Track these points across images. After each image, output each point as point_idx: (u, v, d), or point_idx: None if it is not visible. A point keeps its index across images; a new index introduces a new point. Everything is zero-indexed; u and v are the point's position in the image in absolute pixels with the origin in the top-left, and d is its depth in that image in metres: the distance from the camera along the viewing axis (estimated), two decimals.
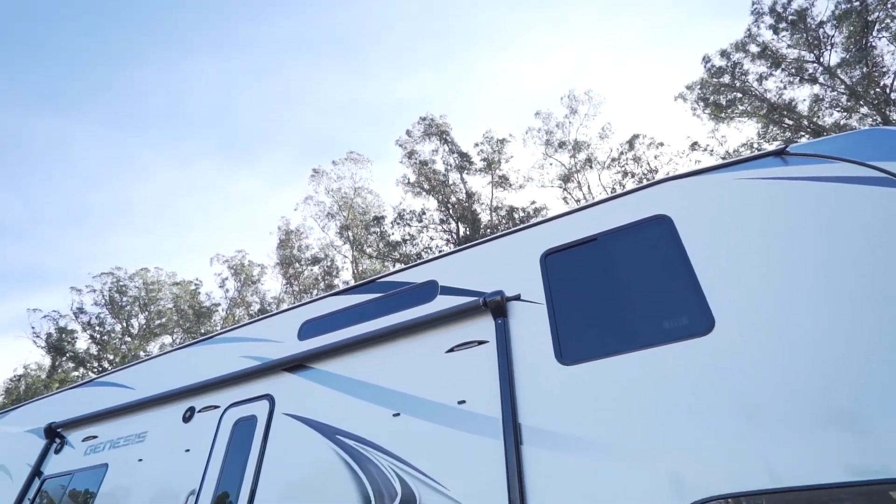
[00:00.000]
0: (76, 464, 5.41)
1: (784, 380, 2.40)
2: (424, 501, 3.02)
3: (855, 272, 2.52)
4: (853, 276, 2.52)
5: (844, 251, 2.61)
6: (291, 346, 4.58)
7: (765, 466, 2.25)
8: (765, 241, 2.86)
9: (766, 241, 2.85)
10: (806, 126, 26.54)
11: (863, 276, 2.50)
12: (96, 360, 33.88)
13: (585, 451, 2.69)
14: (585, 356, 3.00)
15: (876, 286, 2.45)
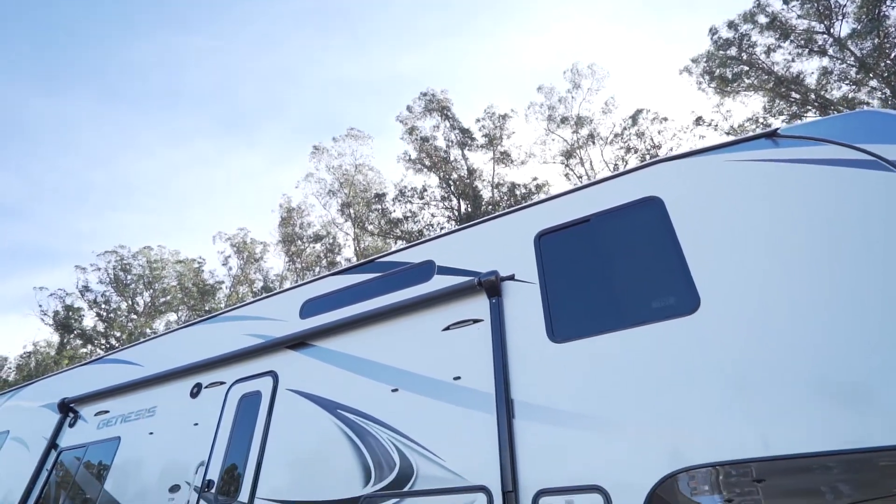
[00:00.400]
0: (90, 437, 5.64)
1: (765, 357, 2.50)
2: (421, 472, 3.17)
3: (838, 253, 2.60)
4: (836, 258, 2.59)
5: (829, 233, 2.68)
6: (293, 324, 4.71)
7: (745, 437, 2.37)
8: (752, 223, 2.92)
9: (753, 222, 2.92)
10: (813, 100, 26.12)
11: (846, 257, 2.57)
12: (103, 338, 34.44)
13: (575, 424, 2.82)
14: (576, 334, 3.11)
15: (858, 266, 2.52)
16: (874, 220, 2.60)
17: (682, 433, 2.51)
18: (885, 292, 2.38)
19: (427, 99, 32.10)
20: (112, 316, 34.81)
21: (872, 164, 2.72)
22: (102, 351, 33.83)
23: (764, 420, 2.36)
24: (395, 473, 3.28)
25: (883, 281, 2.41)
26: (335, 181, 36.15)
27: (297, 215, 36.49)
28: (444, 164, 32.33)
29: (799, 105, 26.74)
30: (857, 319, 2.39)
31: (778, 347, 2.49)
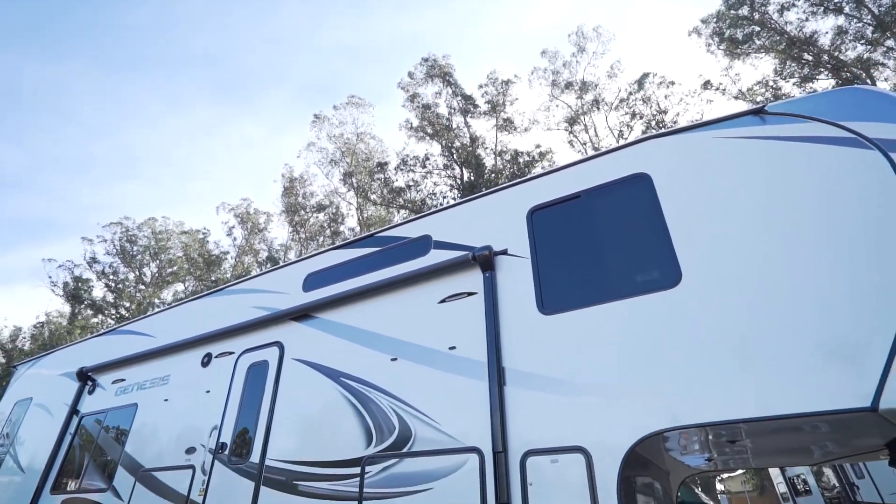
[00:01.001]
0: (108, 403, 5.95)
1: (739, 328, 2.65)
2: (419, 435, 3.41)
3: (816, 230, 2.70)
4: (813, 235, 2.70)
5: (809, 210, 2.78)
6: (297, 297, 4.89)
7: (717, 401, 2.55)
8: (736, 200, 3.02)
9: (737, 199, 3.02)
10: (826, 62, 25.42)
11: (822, 235, 2.68)
12: (113, 308, 35.10)
13: (560, 390, 3.01)
14: (564, 307, 3.27)
15: (832, 243, 2.63)
16: (852, 197, 2.69)
17: (658, 399, 2.69)
18: (855, 268, 2.50)
19: (428, 65, 31.43)
20: (120, 287, 35.35)
21: (854, 142, 2.79)
22: (113, 321, 34.59)
23: (735, 386, 2.53)
24: (395, 436, 3.51)
25: (855, 257, 2.53)
26: (337, 150, 35.91)
27: (300, 185, 36.46)
28: (446, 132, 31.97)
29: (811, 67, 26.04)
30: (828, 293, 2.52)
31: (752, 320, 2.64)
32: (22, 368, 8.19)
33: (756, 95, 27.15)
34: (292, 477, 3.85)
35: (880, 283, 2.40)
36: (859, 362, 2.29)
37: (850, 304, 2.43)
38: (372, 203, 34.26)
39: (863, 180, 2.68)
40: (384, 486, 3.35)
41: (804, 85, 25.91)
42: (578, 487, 2.68)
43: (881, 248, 2.46)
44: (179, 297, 35.90)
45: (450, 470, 3.14)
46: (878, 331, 2.30)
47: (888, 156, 2.64)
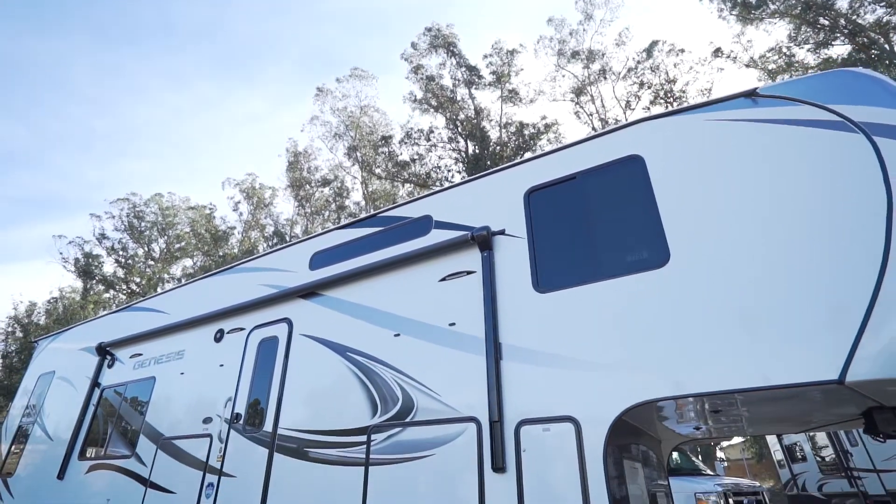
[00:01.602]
0: (128, 377, 6.26)
1: (720, 308, 2.79)
2: (421, 406, 3.62)
3: (801, 212, 2.80)
4: (798, 216, 2.80)
5: (796, 193, 2.87)
6: (304, 275, 5.08)
7: (696, 375, 2.72)
8: (725, 183, 3.11)
9: (726, 182, 3.11)
10: (843, 26, 24.61)
11: (807, 216, 2.78)
12: (124, 283, 35.70)
13: (553, 364, 3.19)
14: (558, 285, 3.42)
15: (816, 225, 2.74)
16: (835, 180, 2.78)
17: (642, 373, 2.86)
18: (832, 250, 2.61)
19: (432, 35, 30.82)
20: (130, 262, 35.87)
21: (840, 126, 2.86)
22: (124, 296, 35.27)
23: (712, 361, 2.69)
24: (399, 407, 3.74)
25: (834, 239, 2.64)
26: (340, 124, 35.66)
27: (304, 159, 36.40)
28: (450, 104, 31.58)
29: (827, 32, 25.24)
30: (804, 273, 2.64)
31: (732, 298, 2.78)
32: (43, 343, 8.54)
33: (768, 63, 26.50)
34: (303, 444, 4.11)
35: (854, 264, 2.51)
36: (831, 338, 2.43)
37: (824, 285, 2.56)
38: (377, 177, 34.19)
39: (846, 163, 2.76)
40: (389, 453, 3.59)
41: (819, 51, 25.20)
42: (568, 454, 2.89)
43: (858, 232, 2.57)
44: (188, 272, 36.43)
45: (449, 438, 3.37)
46: (850, 309, 2.43)
47: (871, 139, 2.71)
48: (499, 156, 29.66)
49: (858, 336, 2.36)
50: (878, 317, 2.35)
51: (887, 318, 2.35)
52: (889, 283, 2.38)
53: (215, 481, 4.51)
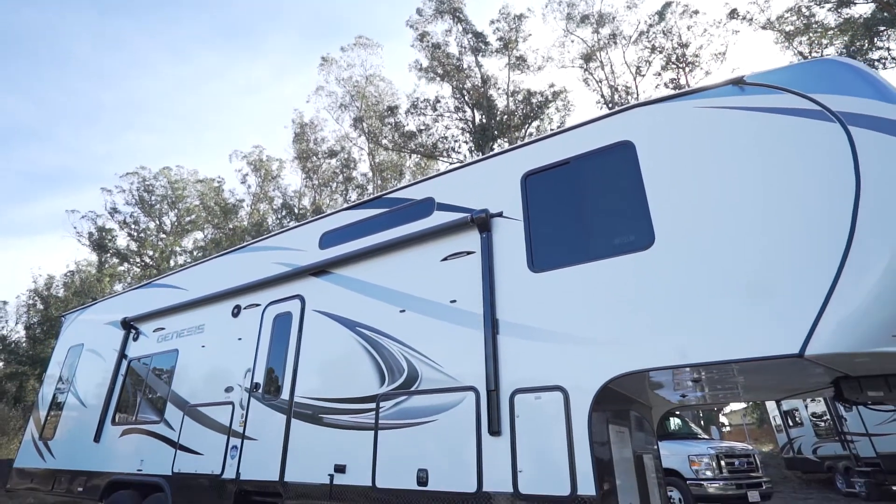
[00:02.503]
0: (152, 349, 6.68)
1: (699, 288, 3.02)
2: (425, 376, 3.94)
3: (779, 198, 2.98)
4: (776, 203, 2.98)
5: (775, 179, 3.03)
6: (314, 254, 5.35)
7: (675, 348, 2.97)
8: (709, 169, 3.28)
9: (710, 168, 3.28)
10: None
11: (785, 202, 2.96)
12: (137, 256, 36.44)
13: (545, 338, 3.46)
14: (550, 266, 3.66)
15: (791, 210, 2.92)
16: (812, 168, 2.94)
17: (625, 347, 3.12)
18: (802, 236, 2.81)
19: (438, 0, 30.05)
20: (143, 236, 36.48)
21: (820, 115, 3.00)
22: (138, 269, 36.08)
23: (687, 336, 2.94)
24: (404, 377, 4.06)
25: (805, 225, 2.83)
26: (346, 94, 35.36)
27: (311, 131, 36.31)
28: (456, 73, 31.08)
29: None
30: (776, 255, 2.85)
31: (708, 279, 3.00)
32: (70, 317, 9.01)
33: (786, 24, 25.63)
34: (318, 411, 4.48)
35: (821, 248, 2.71)
36: (794, 315, 2.66)
37: (792, 266, 2.77)
38: (383, 148, 34.09)
39: (823, 152, 2.91)
40: (396, 419, 3.94)
41: (839, 10, 24.25)
42: (557, 419, 3.19)
43: (827, 218, 2.75)
44: (199, 244, 37.04)
45: (451, 405, 3.69)
46: (813, 289, 2.65)
47: (847, 129, 2.86)
48: (506, 125, 29.37)
49: (819, 315, 2.58)
50: (838, 297, 2.57)
51: (846, 298, 2.56)
52: (850, 266, 2.58)
53: (239, 444, 4.94)
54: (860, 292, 2.55)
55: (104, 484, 6.06)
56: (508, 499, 3.20)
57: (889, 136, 2.75)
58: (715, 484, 8.26)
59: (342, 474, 4.06)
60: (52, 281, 37.05)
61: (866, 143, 2.78)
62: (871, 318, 2.52)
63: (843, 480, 11.85)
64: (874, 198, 2.65)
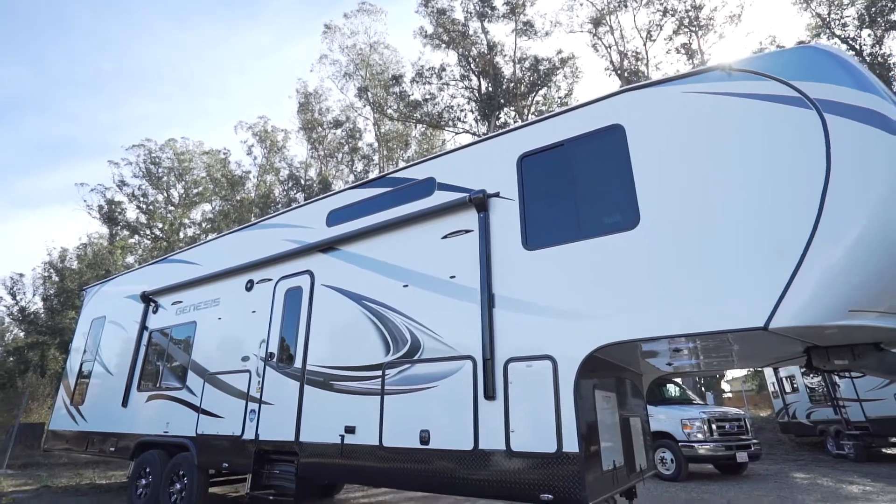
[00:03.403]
0: (171, 321, 7.07)
1: (679, 265, 3.25)
2: (426, 346, 4.25)
3: (756, 182, 3.16)
4: (754, 187, 3.16)
5: (754, 163, 3.20)
6: (322, 231, 5.61)
7: (654, 321, 3.23)
8: (694, 152, 3.45)
9: (695, 151, 3.45)
10: None
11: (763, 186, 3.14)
12: (147, 229, 36.94)
13: (536, 312, 3.73)
14: (543, 244, 3.89)
15: (766, 196, 3.11)
16: (790, 152, 3.11)
17: (609, 320, 3.39)
18: (776, 218, 3.01)
19: None
20: (151, 208, 36.86)
21: (798, 102, 3.14)
22: (149, 241, 36.66)
23: (664, 310, 3.19)
24: (408, 346, 4.37)
25: (778, 209, 3.02)
26: (350, 63, 34.90)
27: (315, 100, 36.06)
28: (462, 40, 30.48)
29: None
30: (747, 236, 3.06)
31: (686, 257, 3.22)
32: (91, 291, 9.44)
33: None
34: (329, 378, 4.84)
35: (790, 230, 2.92)
36: (761, 292, 2.90)
37: (763, 246, 2.99)
38: (389, 118, 33.84)
39: (799, 136, 3.08)
40: (400, 385, 4.28)
41: None
42: (546, 385, 3.49)
43: (797, 203, 2.94)
44: (208, 216, 37.44)
45: (450, 372, 4.01)
46: (780, 267, 2.87)
47: (822, 115, 3.01)
48: (512, 93, 28.98)
49: (784, 292, 2.82)
50: (801, 276, 2.80)
51: (809, 277, 2.79)
52: (813, 250, 2.80)
53: (256, 408, 5.34)
54: (822, 272, 2.77)
55: (134, 444, 6.57)
56: (502, 455, 3.55)
57: (859, 124, 2.91)
58: (706, 446, 8.69)
59: (352, 435, 4.45)
60: (65, 253, 37.72)
61: (838, 131, 2.94)
62: (830, 295, 2.76)
63: (833, 443, 12.29)
64: (841, 185, 2.83)
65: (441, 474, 3.82)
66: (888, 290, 2.86)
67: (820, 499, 6.76)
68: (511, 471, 3.49)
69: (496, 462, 3.57)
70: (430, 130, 34.30)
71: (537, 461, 3.39)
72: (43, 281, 36.42)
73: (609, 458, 3.74)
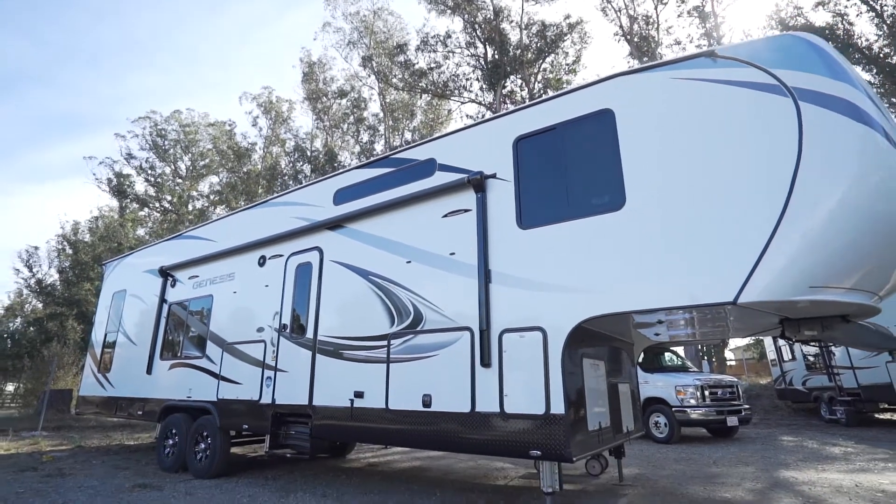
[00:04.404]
0: (189, 295, 7.46)
1: (659, 245, 3.49)
2: (428, 318, 4.57)
3: (733, 166, 3.36)
4: (730, 169, 3.37)
5: (733, 148, 3.40)
6: (329, 209, 5.89)
7: (635, 296, 3.51)
8: (676, 135, 3.64)
9: (677, 135, 3.64)
10: None
11: (739, 169, 3.34)
12: (156, 201, 37.37)
13: (529, 287, 4.02)
14: (536, 223, 4.15)
15: (740, 178, 3.32)
16: (766, 138, 3.30)
17: (595, 295, 3.67)
18: (749, 200, 3.23)
19: None
20: (160, 181, 37.19)
21: (776, 89, 3.31)
22: (159, 213, 37.17)
23: (644, 286, 3.46)
24: (411, 318, 4.70)
25: (751, 191, 3.24)
26: (354, 30, 34.36)
27: (319, 70, 35.70)
28: (467, 4, 29.81)
29: None
30: (722, 216, 3.29)
31: (667, 237, 3.47)
32: (110, 266, 9.86)
33: None
34: (338, 347, 5.21)
35: (761, 211, 3.14)
36: (732, 270, 3.15)
37: (736, 226, 3.22)
38: (394, 87, 33.50)
39: (775, 123, 3.26)
40: (404, 354, 4.63)
41: None
42: (536, 354, 3.81)
43: (769, 185, 3.16)
44: (215, 188, 37.73)
45: (450, 342, 4.34)
46: (750, 248, 3.11)
47: (797, 104, 3.19)
48: (519, 61, 28.51)
49: (752, 270, 3.07)
50: (769, 255, 3.04)
51: (775, 256, 3.03)
52: (782, 229, 3.03)
53: (272, 375, 5.76)
54: (786, 252, 3.02)
55: (160, 408, 7.08)
56: (496, 417, 3.92)
57: (831, 112, 3.09)
58: (698, 410, 9.11)
59: (361, 399, 4.84)
60: (77, 226, 38.41)
61: (811, 119, 3.13)
62: (792, 273, 3.01)
63: (826, 409, 12.71)
64: (810, 171, 3.04)
65: (442, 434, 4.21)
66: (849, 269, 3.11)
67: (801, 458, 7.17)
68: (504, 430, 3.86)
69: (491, 423, 3.94)
70: (435, 100, 33.95)
71: (528, 422, 3.75)
72: (57, 253, 37.28)
73: (595, 419, 4.09)
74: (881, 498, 4.82)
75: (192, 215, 36.26)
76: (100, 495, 5.28)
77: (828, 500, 4.75)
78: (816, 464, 6.73)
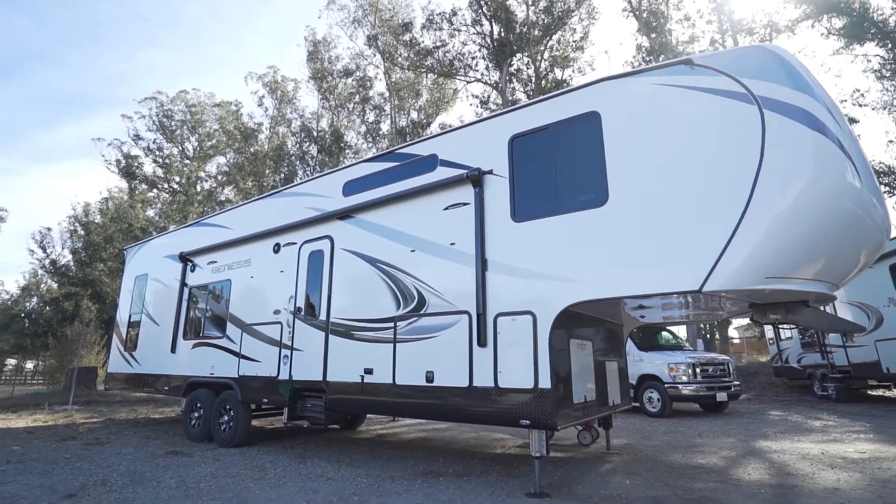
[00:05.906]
0: (208, 279, 7.97)
1: (640, 238, 3.88)
2: (431, 302, 5.02)
3: (703, 167, 3.72)
4: (700, 170, 3.72)
5: (703, 151, 3.75)
6: (339, 200, 6.30)
7: (614, 284, 3.91)
8: (656, 138, 3.99)
9: (657, 138, 3.98)
10: None
11: (705, 170, 3.70)
12: (165, 182, 37.86)
13: (521, 274, 4.44)
14: (529, 217, 4.54)
15: (708, 178, 3.67)
16: (732, 142, 3.64)
17: (579, 283, 4.08)
18: (716, 198, 3.59)
19: None
20: (167, 162, 37.60)
21: (744, 98, 3.64)
22: (168, 195, 37.70)
23: (623, 275, 3.87)
24: (415, 303, 5.16)
25: (718, 190, 3.60)
26: (358, 8, 34.13)
27: (324, 48, 35.61)
28: None
29: None
30: (695, 212, 3.66)
31: (643, 231, 3.85)
32: (131, 251, 10.39)
33: None
34: (349, 329, 5.69)
35: (727, 208, 3.51)
36: (698, 261, 3.54)
37: (704, 220, 3.59)
38: (399, 67, 33.39)
39: (742, 129, 3.60)
40: (409, 335, 5.10)
41: None
42: (526, 335, 4.25)
43: (734, 185, 3.52)
44: (223, 169, 38.12)
45: (450, 324, 4.80)
46: (714, 241, 3.50)
47: (762, 111, 3.52)
48: (525, 38, 28.31)
49: (716, 262, 3.46)
50: (730, 249, 3.43)
51: (738, 249, 3.42)
52: (745, 224, 3.41)
53: (289, 354, 6.28)
54: (745, 246, 3.40)
55: (185, 384, 7.67)
56: (491, 390, 4.39)
57: (790, 120, 3.43)
58: (689, 387, 9.60)
59: (370, 375, 5.34)
60: (88, 208, 39.06)
61: (772, 126, 3.47)
62: (750, 266, 3.40)
63: (819, 385, 13.17)
64: (770, 174, 3.40)
65: (443, 406, 4.70)
66: (803, 261, 3.49)
67: (782, 431, 7.66)
68: (498, 402, 4.34)
69: (487, 396, 4.41)
70: (441, 79, 33.84)
71: (519, 395, 4.22)
72: (70, 234, 38.07)
73: (581, 393, 4.56)
74: (840, 463, 5.29)
75: (200, 196, 36.78)
76: (138, 460, 5.88)
77: (791, 465, 5.23)
78: (794, 435, 7.21)
